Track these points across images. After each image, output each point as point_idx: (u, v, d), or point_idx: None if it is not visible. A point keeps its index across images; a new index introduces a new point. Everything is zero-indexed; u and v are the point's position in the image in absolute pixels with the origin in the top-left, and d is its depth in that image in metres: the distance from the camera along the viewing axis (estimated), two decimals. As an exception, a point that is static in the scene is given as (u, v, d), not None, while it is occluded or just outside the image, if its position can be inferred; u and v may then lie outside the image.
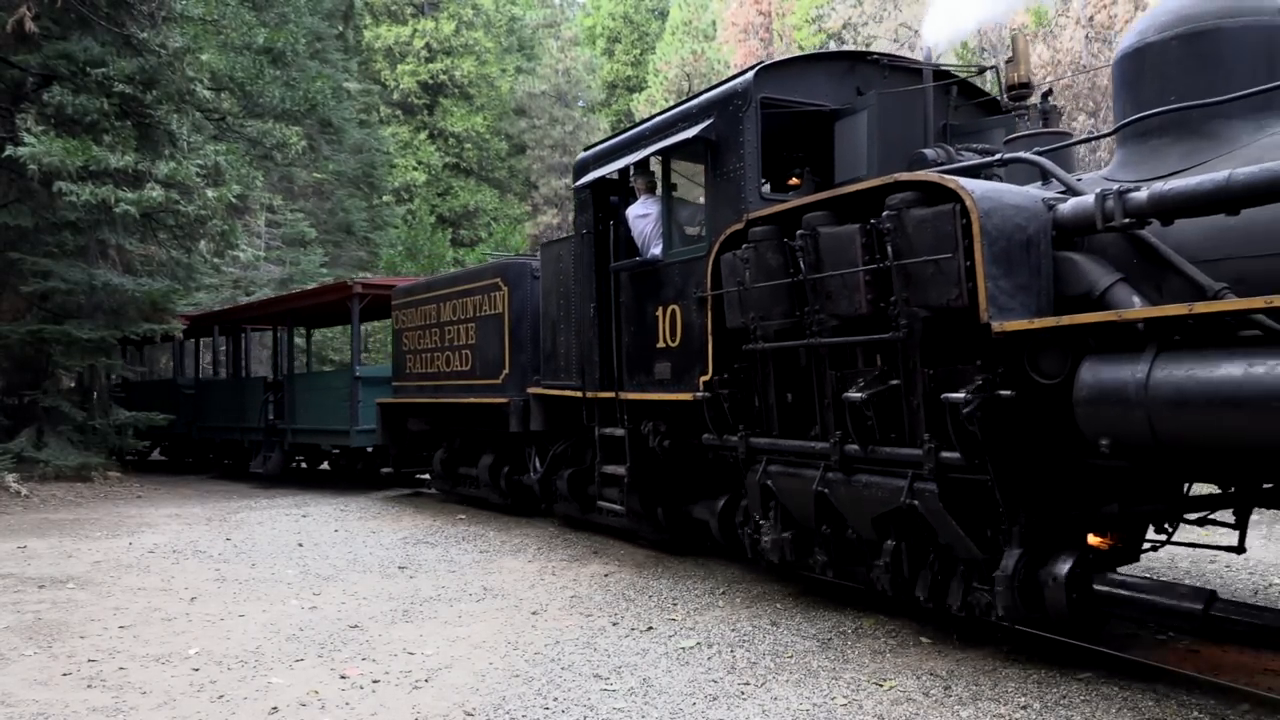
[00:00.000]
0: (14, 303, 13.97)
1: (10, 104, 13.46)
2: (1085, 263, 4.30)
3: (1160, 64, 4.45)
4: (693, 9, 41.64)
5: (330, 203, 28.61)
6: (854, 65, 6.46)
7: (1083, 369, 3.92)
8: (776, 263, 5.36)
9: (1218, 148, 4.21)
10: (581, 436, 8.15)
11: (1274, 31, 4.28)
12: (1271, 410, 3.30)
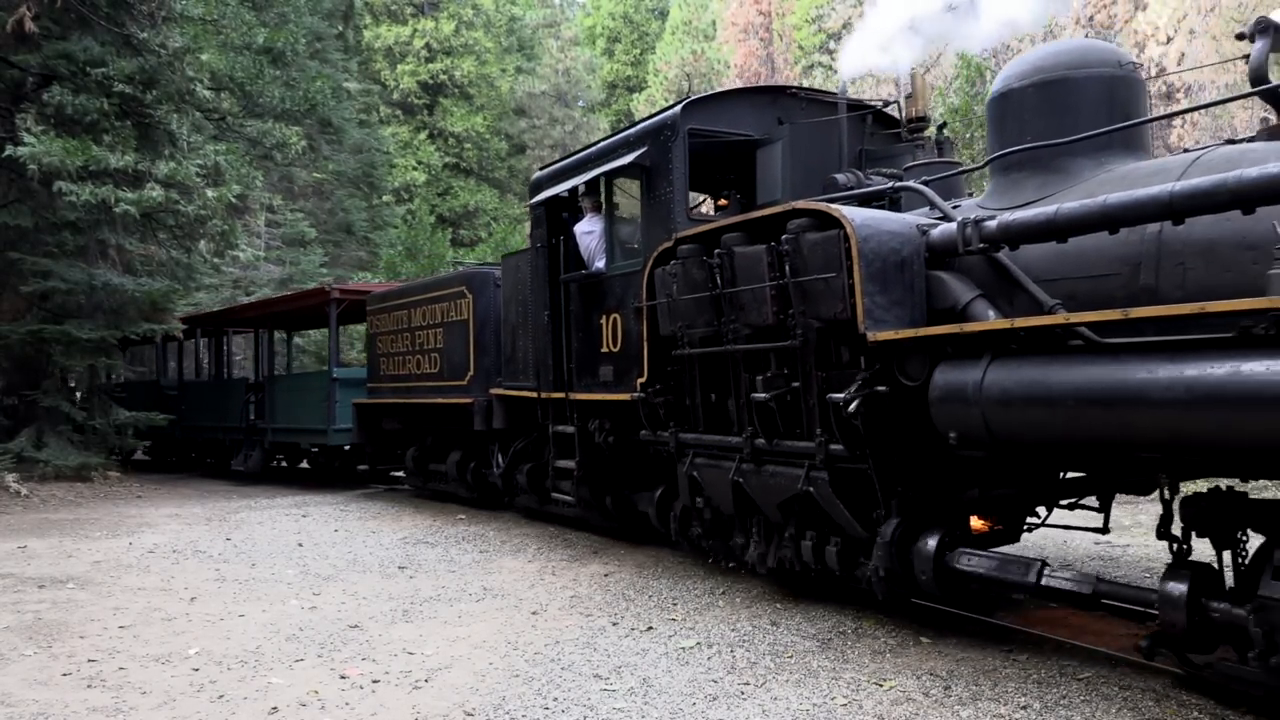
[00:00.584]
0: (14, 303, 13.97)
1: (10, 104, 13.46)
2: (951, 281, 4.97)
3: (1019, 108, 5.13)
4: (693, 9, 41.65)
5: (330, 203, 28.61)
6: (776, 98, 7.13)
7: (936, 373, 4.60)
8: (700, 277, 5.96)
9: (1065, 181, 4.86)
10: (539, 434, 8.67)
11: (1113, 81, 4.94)
12: (1063, 407, 3.99)
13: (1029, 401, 4.14)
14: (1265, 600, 3.53)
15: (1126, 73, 5.04)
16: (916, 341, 4.74)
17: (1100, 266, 4.46)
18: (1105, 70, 4.98)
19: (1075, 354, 4.10)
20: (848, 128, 6.68)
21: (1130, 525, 8.18)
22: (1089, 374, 3.94)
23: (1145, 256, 4.28)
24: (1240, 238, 3.89)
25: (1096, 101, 4.92)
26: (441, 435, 10.79)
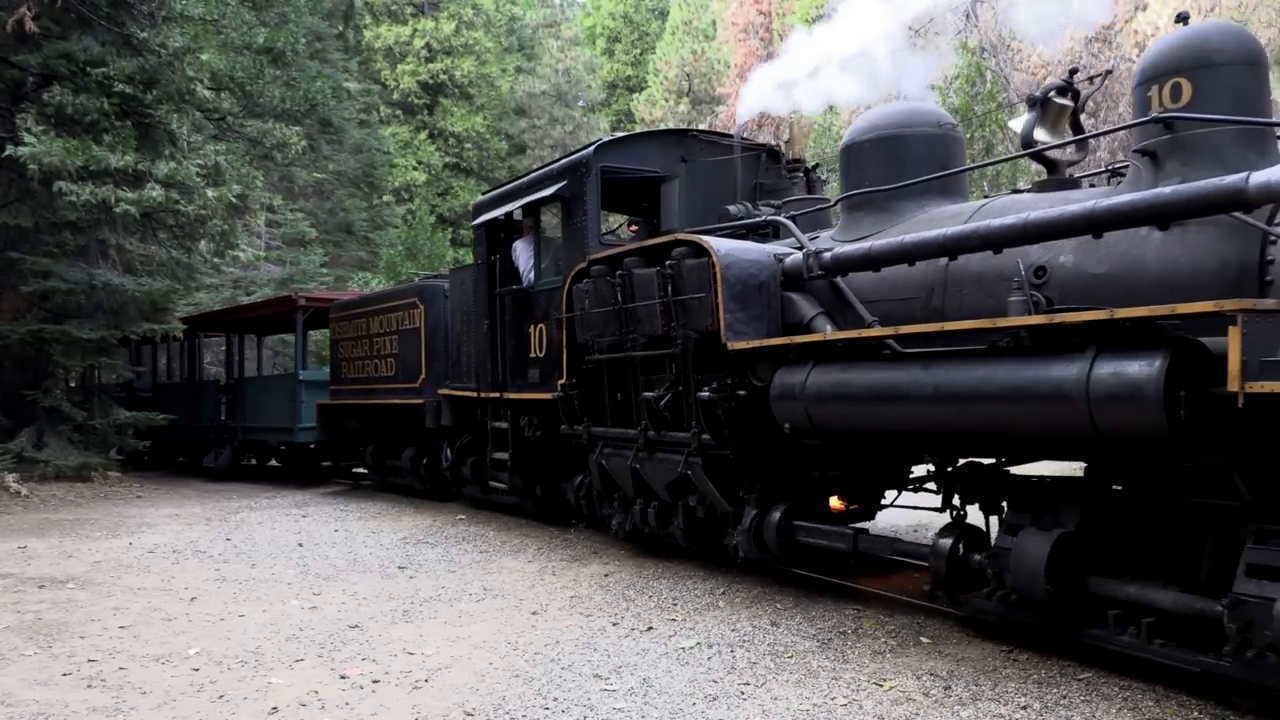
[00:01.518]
0: (14, 303, 13.96)
1: (10, 104, 13.46)
2: (800, 300, 6.07)
3: (860, 158, 6.21)
4: (693, 9, 41.64)
5: (330, 203, 28.61)
6: (680, 139, 8.18)
7: (776, 375, 5.63)
8: (607, 294, 6.95)
9: (893, 220, 5.90)
10: (480, 430, 9.59)
11: (933, 138, 6.04)
12: (858, 402, 5.04)
13: (835, 398, 5.22)
14: (997, 549, 4.67)
15: (945, 131, 6.16)
16: (763, 350, 5.82)
17: (906, 291, 5.55)
18: (927, 129, 6.10)
19: (868, 360, 5.18)
20: (744, 164, 7.67)
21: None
22: (874, 376, 5.01)
23: (936, 284, 5.39)
24: (998, 271, 4.95)
25: (919, 154, 5.99)
26: (397, 433, 11.62)
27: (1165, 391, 3.67)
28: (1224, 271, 4.16)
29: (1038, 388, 4.14)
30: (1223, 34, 4.58)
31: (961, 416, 4.52)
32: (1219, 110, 4.40)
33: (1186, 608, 3.98)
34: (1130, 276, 4.44)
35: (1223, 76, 4.44)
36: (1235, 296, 3.89)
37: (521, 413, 8.70)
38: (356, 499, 11.97)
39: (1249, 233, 4.07)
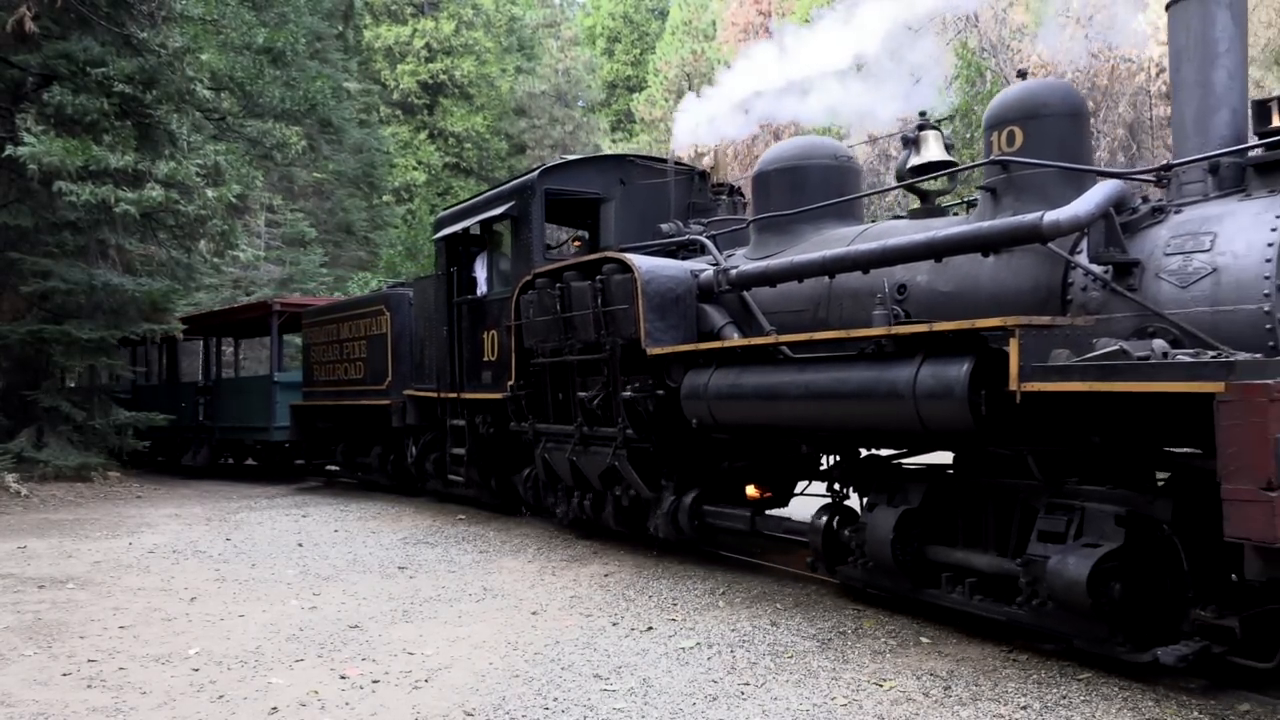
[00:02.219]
0: (14, 303, 13.96)
1: (10, 104, 13.46)
2: (712, 311, 6.88)
3: (768, 185, 6.95)
4: (693, 9, 41.62)
5: (330, 203, 28.60)
6: (620, 163, 9.01)
7: (686, 377, 6.42)
8: (550, 304, 7.72)
9: (794, 240, 6.65)
10: (441, 428, 10.26)
11: (829, 168, 6.78)
12: (747, 400, 5.85)
13: (732, 397, 6.01)
14: (861, 524, 5.46)
15: (840, 162, 6.89)
16: (676, 355, 6.63)
17: (798, 304, 6.34)
18: (825, 160, 6.84)
19: (756, 363, 5.96)
20: (677, 186, 8.51)
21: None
22: (760, 378, 5.79)
23: (821, 298, 6.21)
24: (870, 288, 5.61)
25: (817, 183, 6.72)
26: (366, 432, 12.32)
27: (970, 391, 4.46)
28: (1036, 291, 4.97)
29: (880, 388, 4.96)
30: (1050, 90, 5.41)
31: (825, 412, 5.38)
32: (1046, 154, 5.14)
33: (998, 568, 4.77)
34: (969, 294, 5.27)
35: (1049, 126, 5.22)
36: (1045, 313, 4.73)
37: (476, 411, 9.40)
38: (356, 499, 11.98)
39: (1056, 259, 4.86)
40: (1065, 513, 4.44)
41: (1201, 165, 4.71)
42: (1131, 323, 4.47)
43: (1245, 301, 4.14)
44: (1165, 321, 4.33)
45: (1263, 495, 3.36)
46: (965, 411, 4.46)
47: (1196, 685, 4.11)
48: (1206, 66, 4.82)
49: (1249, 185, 4.49)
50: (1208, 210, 4.51)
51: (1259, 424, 3.37)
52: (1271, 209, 4.22)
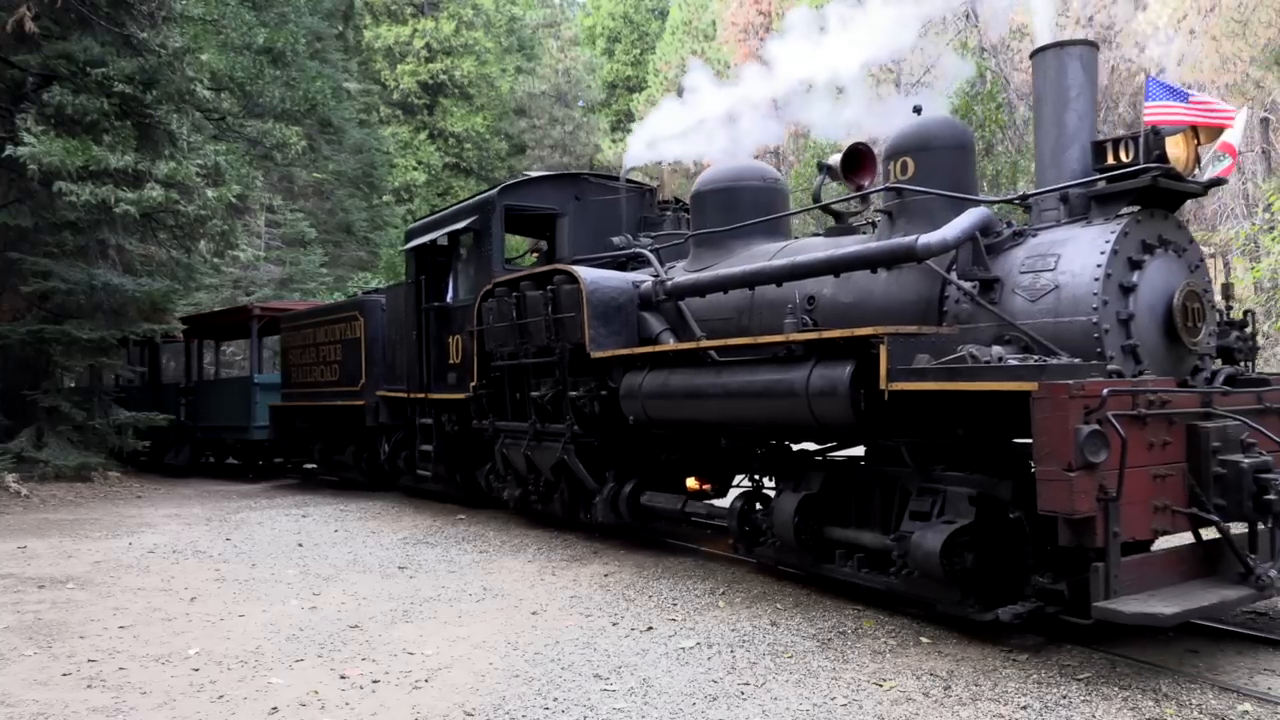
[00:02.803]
0: (14, 303, 13.96)
1: (10, 104, 13.45)
2: (652, 319, 7.55)
3: (704, 204, 7.66)
4: (693, 9, 41.60)
5: (330, 203, 28.58)
6: (575, 180, 9.68)
7: (624, 378, 7.06)
8: (508, 311, 8.43)
9: (725, 255, 7.31)
10: (412, 427, 10.84)
11: (759, 190, 7.48)
12: (674, 399, 6.56)
13: (662, 396, 6.68)
14: (768, 509, 6.18)
15: (768, 185, 7.62)
16: (616, 358, 7.27)
17: (726, 313, 7.05)
18: (754, 183, 7.55)
19: (685, 366, 6.59)
20: (629, 201, 9.11)
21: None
22: (687, 379, 6.46)
23: (745, 308, 6.87)
24: (785, 299, 6.21)
25: (748, 202, 7.41)
26: (341, 431, 12.86)
27: (851, 390, 5.13)
28: (919, 303, 5.64)
29: (780, 387, 5.62)
30: (940, 125, 6.07)
31: (738, 409, 6.09)
32: (935, 183, 5.76)
33: (879, 544, 5.41)
34: (865, 305, 5.95)
35: (938, 157, 5.86)
36: (925, 322, 5.42)
37: (443, 411, 10.03)
38: (356, 499, 11.98)
39: (934, 275, 5.50)
40: (931, 495, 5.10)
41: (1055, 195, 5.44)
42: (992, 331, 5.11)
43: (1079, 314, 4.87)
44: (1018, 330, 5.01)
45: (1065, 475, 4.07)
46: (847, 408, 5.17)
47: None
48: (1060, 109, 5.50)
49: (1091, 214, 5.22)
50: (1056, 235, 5.23)
51: (1062, 417, 4.06)
52: (1104, 235, 4.93)
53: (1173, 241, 5.20)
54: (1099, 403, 4.11)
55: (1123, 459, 4.10)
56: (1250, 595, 4.44)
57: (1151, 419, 4.35)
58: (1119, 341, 4.85)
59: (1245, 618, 5.17)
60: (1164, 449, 4.42)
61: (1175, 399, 4.52)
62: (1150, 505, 4.34)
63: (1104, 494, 4.11)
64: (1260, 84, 16.86)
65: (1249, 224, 17.60)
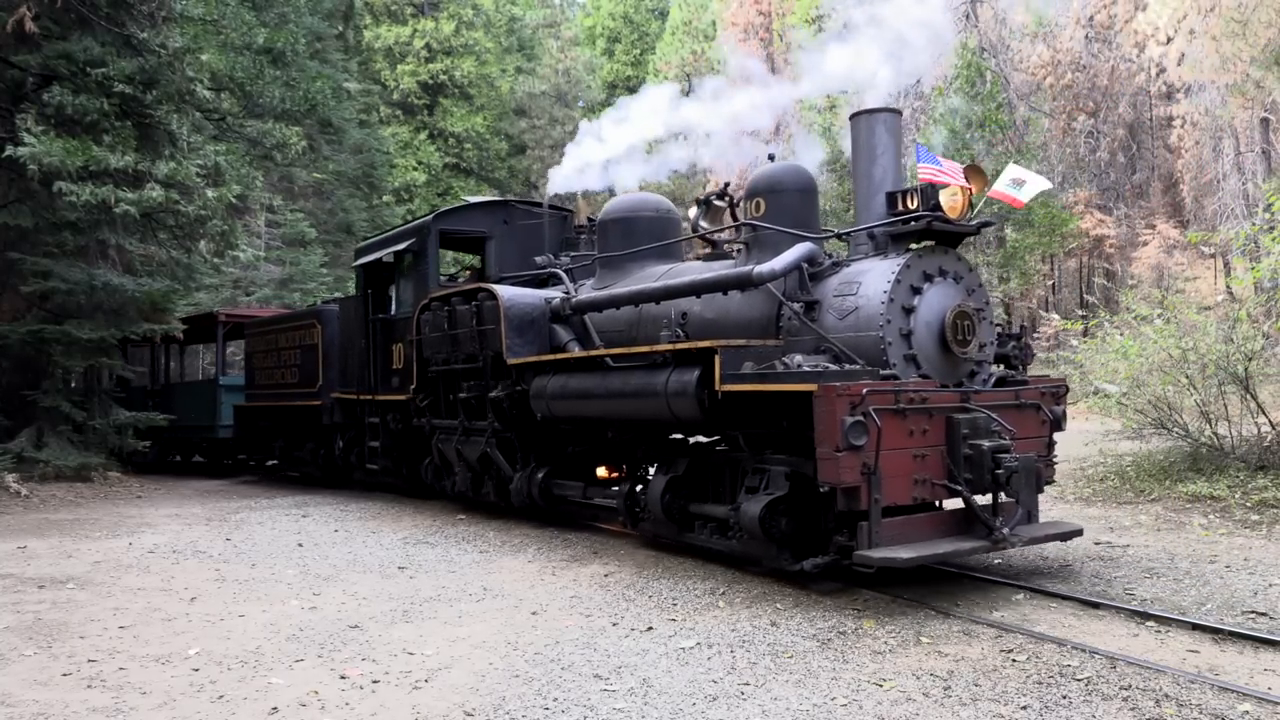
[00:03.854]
0: (14, 303, 13.95)
1: (10, 104, 13.45)
2: (561, 330, 8.74)
3: (607, 230, 8.84)
4: (693, 9, 41.60)
5: (330, 203, 28.58)
6: (504, 206, 10.93)
7: (534, 381, 8.26)
8: (441, 323, 9.59)
9: (624, 275, 8.50)
10: (361, 425, 11.94)
11: (654, 219, 8.69)
12: (571, 399, 7.68)
13: (562, 396, 7.82)
14: (644, 488, 7.40)
15: (662, 215, 8.79)
16: (527, 364, 8.50)
17: (620, 325, 8.29)
18: (649, 213, 8.74)
19: (583, 370, 7.73)
20: (553, 224, 10.38)
21: (1131, 525, 8.18)
22: (581, 382, 7.64)
23: (634, 322, 8.13)
24: (664, 314, 7.38)
25: (644, 230, 8.60)
26: (300, 429, 13.84)
27: (697, 390, 6.31)
28: (762, 320, 6.85)
29: (647, 389, 6.77)
30: (785, 171, 7.23)
31: (618, 407, 7.18)
32: (781, 220, 6.95)
33: (725, 515, 6.55)
34: (724, 321, 7.15)
35: (784, 199, 7.05)
36: (768, 337, 6.66)
37: (388, 411, 11.17)
38: (356, 500, 11.98)
39: (772, 297, 6.67)
40: (760, 474, 6.27)
41: (864, 233, 6.71)
42: (812, 343, 6.30)
43: (871, 329, 6.12)
44: (830, 343, 6.18)
45: (835, 455, 5.37)
46: (695, 405, 6.36)
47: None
48: (870, 163, 6.73)
49: (888, 249, 6.48)
50: (861, 265, 6.49)
51: (832, 410, 5.35)
52: (892, 266, 6.20)
53: (951, 271, 6.45)
54: (860, 400, 5.37)
55: (879, 443, 5.37)
56: (984, 546, 5.77)
57: (912, 412, 5.64)
58: (901, 352, 6.11)
59: (1245, 618, 5.17)
60: (924, 435, 5.72)
61: (934, 396, 5.82)
62: (911, 478, 5.65)
63: (866, 469, 5.40)
64: (1260, 84, 16.85)
65: (1249, 224, 17.60)
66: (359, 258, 11.99)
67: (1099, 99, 29.48)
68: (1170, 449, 10.39)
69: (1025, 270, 24.45)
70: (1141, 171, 31.19)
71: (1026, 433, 6.21)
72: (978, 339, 6.39)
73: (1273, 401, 10.30)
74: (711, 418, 6.40)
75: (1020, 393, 6.41)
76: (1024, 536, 5.95)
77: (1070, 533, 6.35)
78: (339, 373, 12.51)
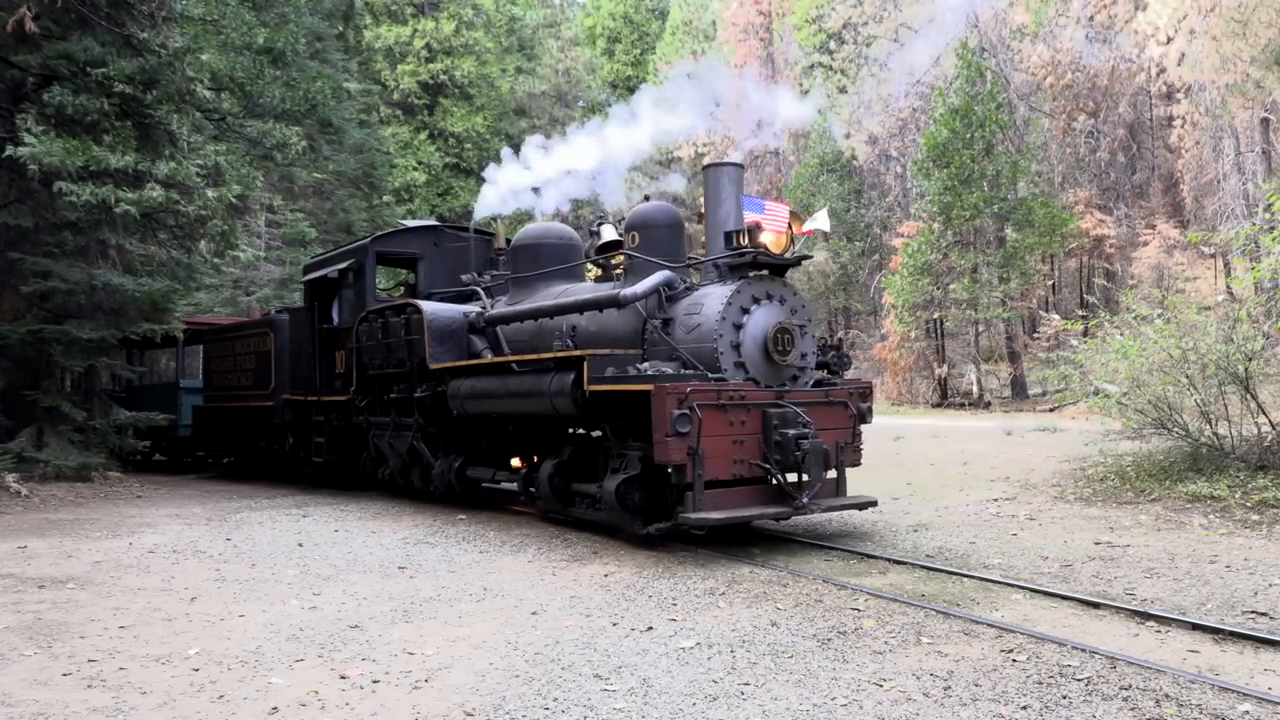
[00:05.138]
0: (14, 303, 13.92)
1: (10, 104, 13.44)
2: (476, 340, 10.20)
3: (518, 255, 10.42)
4: (693, 9, 41.59)
5: (330, 203, 28.55)
6: (435, 230, 12.31)
7: (451, 383, 9.74)
8: (376, 333, 11.00)
9: (532, 294, 9.99)
10: (309, 424, 13.25)
11: (558, 246, 10.21)
12: (480, 398, 9.17)
13: (472, 396, 9.36)
14: (541, 473, 8.65)
15: (565, 242, 10.29)
16: (446, 369, 9.96)
17: (525, 336, 9.74)
18: (553, 240, 10.28)
19: (488, 373, 9.25)
20: (478, 246, 11.85)
21: (1131, 525, 8.18)
22: (485, 383, 9.17)
23: (536, 333, 9.52)
24: (559, 327, 8.92)
25: (549, 254, 10.15)
26: (255, 428, 15.03)
27: (573, 390, 7.76)
28: (632, 333, 8.29)
29: (535, 389, 8.28)
30: (655, 209, 8.89)
31: (514, 405, 8.73)
32: (654, 251, 8.48)
33: (597, 491, 7.90)
34: (604, 333, 8.60)
35: (655, 233, 8.65)
36: (634, 347, 8.10)
37: (331, 410, 12.57)
38: (356, 500, 11.97)
39: (639, 314, 8.18)
40: (621, 458, 7.71)
41: (711, 264, 8.24)
42: (666, 352, 7.80)
43: (709, 341, 7.62)
44: (680, 352, 7.69)
45: (666, 439, 6.91)
46: (571, 403, 7.80)
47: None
48: (716, 207, 8.24)
49: (727, 277, 7.97)
50: (706, 290, 7.99)
51: (664, 405, 6.91)
52: (727, 292, 7.68)
53: (777, 295, 7.94)
54: (685, 396, 6.93)
55: (700, 430, 6.94)
56: (786, 511, 7.31)
57: (731, 406, 7.22)
58: (731, 359, 7.60)
59: (1245, 618, 5.17)
60: (743, 425, 7.27)
61: (751, 394, 7.41)
62: (730, 459, 7.18)
63: (691, 451, 6.93)
64: (1260, 84, 16.84)
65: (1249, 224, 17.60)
66: (307, 273, 13.44)
67: (1099, 99, 29.47)
68: (1170, 449, 10.38)
69: (1025, 270, 24.45)
70: (1141, 171, 31.18)
71: (834, 424, 7.80)
72: (798, 349, 7.81)
73: (1273, 401, 10.29)
74: (585, 413, 7.82)
75: (830, 392, 7.97)
76: (822, 505, 7.50)
77: (866, 503, 7.95)
78: (289, 376, 13.74)
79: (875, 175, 34.08)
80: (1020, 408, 22.94)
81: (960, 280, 24.25)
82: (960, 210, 23.45)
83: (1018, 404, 23.79)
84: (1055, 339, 23.43)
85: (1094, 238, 28.37)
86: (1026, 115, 28.91)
